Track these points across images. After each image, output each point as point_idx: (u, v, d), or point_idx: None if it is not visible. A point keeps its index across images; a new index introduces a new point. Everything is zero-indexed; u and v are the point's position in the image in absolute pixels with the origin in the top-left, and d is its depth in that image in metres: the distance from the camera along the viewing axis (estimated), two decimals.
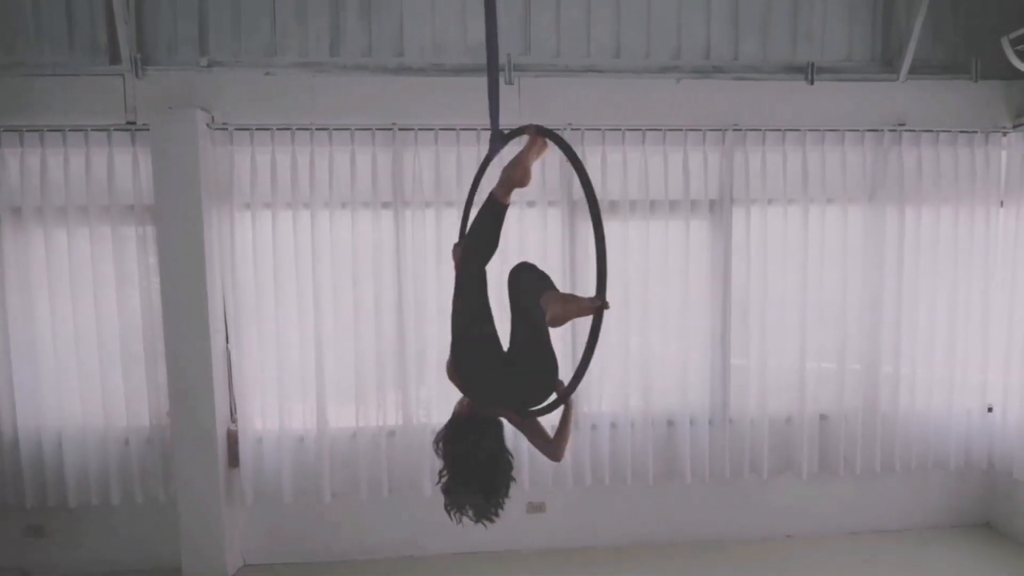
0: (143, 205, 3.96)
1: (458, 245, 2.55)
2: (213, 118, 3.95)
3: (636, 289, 4.16)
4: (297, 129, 3.96)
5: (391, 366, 4.12)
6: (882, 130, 4.26)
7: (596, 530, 4.42)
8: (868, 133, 4.27)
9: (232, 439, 4.10)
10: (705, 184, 4.22)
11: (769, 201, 4.25)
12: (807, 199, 4.25)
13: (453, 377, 2.29)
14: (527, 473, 4.11)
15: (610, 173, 4.11)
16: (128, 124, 3.92)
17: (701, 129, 4.17)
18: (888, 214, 4.30)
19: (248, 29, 4.04)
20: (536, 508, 4.35)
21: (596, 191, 1.95)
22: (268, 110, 3.99)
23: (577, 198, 4.09)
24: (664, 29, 4.22)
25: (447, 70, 4.07)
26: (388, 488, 4.16)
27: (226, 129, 3.95)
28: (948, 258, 4.35)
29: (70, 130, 3.85)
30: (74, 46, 3.97)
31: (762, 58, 4.28)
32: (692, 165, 4.18)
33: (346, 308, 4.07)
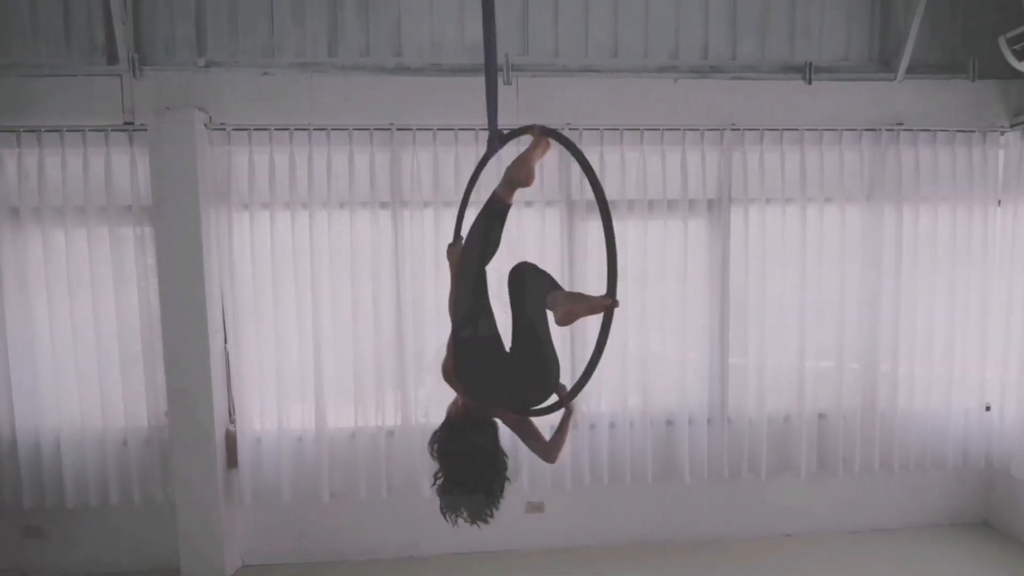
0: (141, 206, 3.95)
1: (453, 245, 2.54)
2: (211, 118, 3.95)
3: (634, 289, 4.15)
4: (295, 129, 3.96)
5: (390, 366, 4.12)
6: (880, 129, 4.27)
7: (595, 530, 4.42)
8: (866, 132, 4.27)
9: (231, 439, 4.09)
10: (703, 184, 4.22)
11: (767, 201, 4.26)
12: (805, 198, 4.26)
13: (449, 378, 2.28)
14: (526, 473, 4.11)
15: (608, 173, 4.10)
16: (126, 124, 3.92)
17: (699, 129, 4.17)
18: (886, 213, 4.31)
19: (246, 29, 4.03)
20: (535, 508, 4.35)
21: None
22: (266, 110, 3.98)
23: (576, 198, 4.10)
24: (662, 29, 4.22)
25: (445, 70, 4.07)
26: (387, 488, 4.16)
27: (224, 129, 3.95)
28: (946, 257, 4.36)
29: (67, 131, 3.85)
30: (71, 46, 3.96)
31: (760, 58, 4.28)
32: (690, 165, 4.19)
33: (344, 308, 4.07)
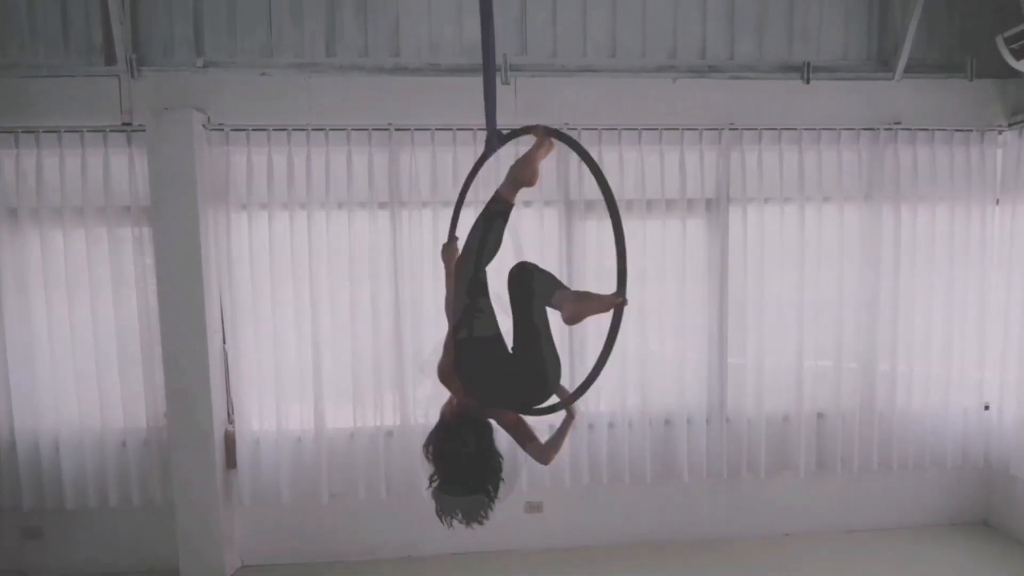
0: (139, 206, 3.95)
1: (447, 246, 2.53)
2: (209, 119, 3.95)
3: (633, 289, 4.08)
4: (293, 130, 3.96)
5: (388, 366, 4.12)
6: (878, 129, 4.27)
7: (594, 530, 4.42)
8: (864, 132, 4.28)
9: (229, 440, 4.09)
10: (702, 183, 4.22)
11: (765, 200, 4.26)
12: (803, 198, 4.26)
13: (446, 379, 2.27)
14: (525, 474, 4.10)
15: (607, 173, 3.92)
16: (124, 125, 3.91)
17: (697, 128, 4.18)
18: (884, 213, 4.31)
19: (244, 29, 4.03)
20: (534, 508, 4.35)
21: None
22: (264, 111, 3.98)
23: (574, 198, 4.10)
24: (660, 29, 4.22)
25: (443, 70, 4.07)
26: (386, 488, 4.16)
27: (222, 130, 3.95)
28: (944, 256, 4.36)
29: (66, 131, 3.84)
30: (69, 47, 3.96)
31: (758, 57, 4.28)
32: (688, 164, 4.19)
33: (343, 308, 4.08)
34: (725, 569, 4.15)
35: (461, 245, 2.36)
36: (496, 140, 2.40)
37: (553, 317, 2.13)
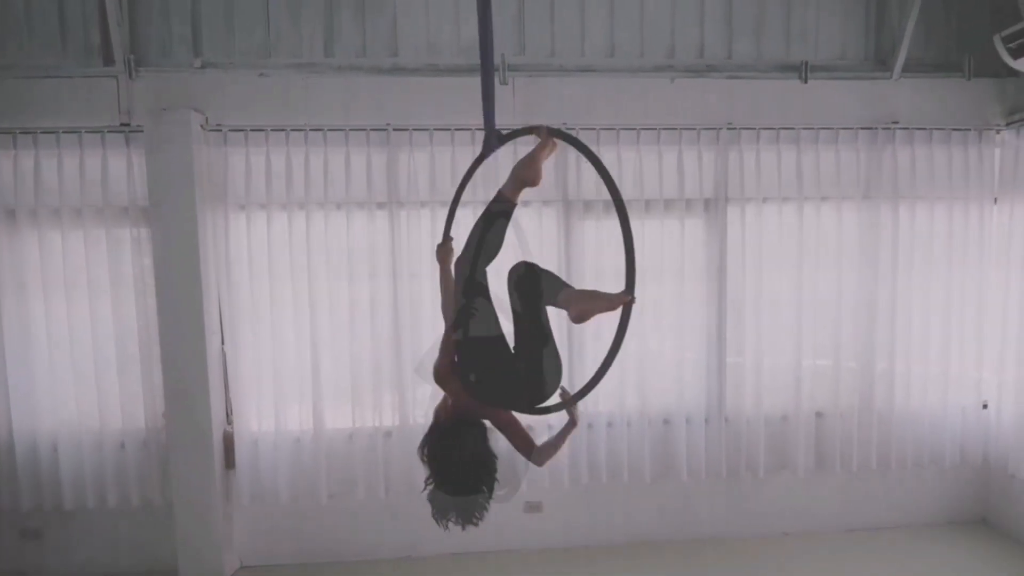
0: (138, 207, 3.95)
1: (442, 245, 2.53)
2: (207, 119, 3.94)
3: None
4: (292, 130, 3.96)
5: (387, 366, 4.12)
6: (876, 128, 4.28)
7: (593, 529, 4.42)
8: (862, 131, 4.28)
9: (228, 441, 4.09)
10: (700, 183, 4.22)
11: (764, 199, 4.26)
12: (802, 197, 4.26)
13: (442, 380, 2.25)
14: (524, 477, 4.10)
15: None
16: (122, 126, 3.91)
17: (696, 128, 4.18)
18: (882, 212, 4.31)
19: (242, 30, 4.03)
20: (533, 508, 4.35)
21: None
22: (262, 111, 3.98)
23: (572, 197, 4.09)
24: (658, 28, 4.23)
25: (442, 70, 4.07)
26: (385, 489, 4.16)
27: (220, 130, 3.94)
28: (942, 255, 4.37)
29: (64, 132, 3.84)
30: (67, 48, 3.96)
31: (756, 57, 4.29)
32: (687, 164, 4.19)
33: (342, 309, 4.08)
34: (724, 568, 4.15)
35: (456, 244, 2.36)
36: (495, 140, 2.40)
37: (553, 317, 2.14)
